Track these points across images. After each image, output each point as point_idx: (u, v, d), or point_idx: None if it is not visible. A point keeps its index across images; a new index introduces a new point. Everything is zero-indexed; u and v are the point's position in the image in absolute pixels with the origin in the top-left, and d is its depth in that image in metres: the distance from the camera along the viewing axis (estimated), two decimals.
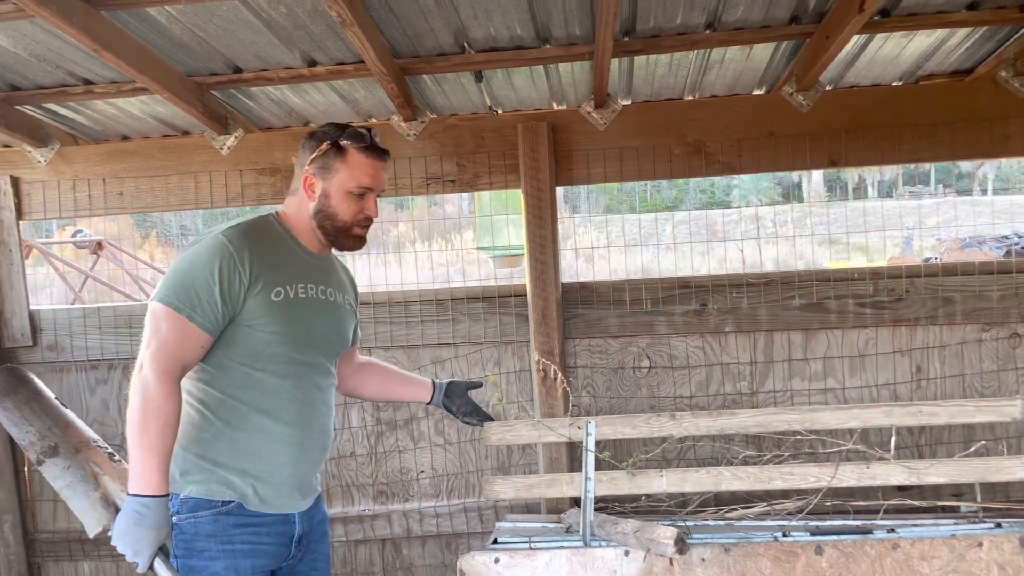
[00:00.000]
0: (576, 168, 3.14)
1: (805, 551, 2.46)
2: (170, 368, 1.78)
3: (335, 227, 2.00)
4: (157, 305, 1.82)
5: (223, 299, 1.83)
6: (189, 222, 18.56)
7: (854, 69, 3.02)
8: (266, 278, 1.89)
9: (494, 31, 2.62)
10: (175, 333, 1.80)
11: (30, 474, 3.35)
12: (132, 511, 1.73)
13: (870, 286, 3.11)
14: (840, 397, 3.15)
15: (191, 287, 1.82)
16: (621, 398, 3.21)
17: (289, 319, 1.93)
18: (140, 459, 1.74)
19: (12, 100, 2.92)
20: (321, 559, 2.15)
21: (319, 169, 1.98)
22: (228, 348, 1.89)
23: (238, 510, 1.91)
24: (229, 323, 1.87)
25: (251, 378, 1.91)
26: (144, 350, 1.79)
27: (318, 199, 1.98)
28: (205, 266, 1.83)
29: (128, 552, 1.75)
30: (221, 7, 2.34)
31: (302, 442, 2.00)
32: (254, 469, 1.92)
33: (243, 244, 1.87)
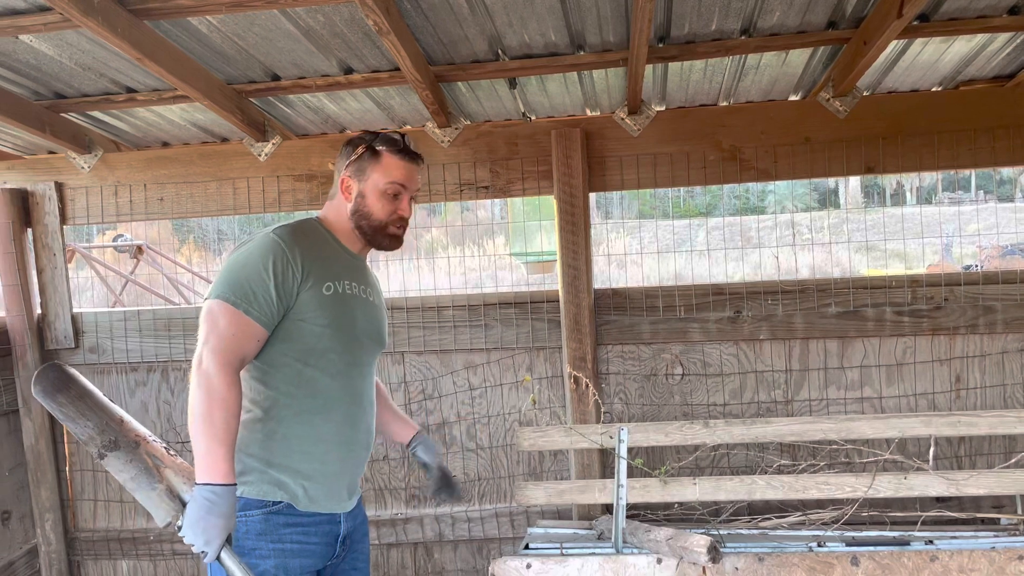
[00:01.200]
0: (609, 174, 3.14)
1: (841, 562, 2.43)
2: (230, 361, 1.82)
3: (371, 226, 2.04)
4: (214, 302, 1.86)
5: (278, 293, 1.88)
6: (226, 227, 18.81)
7: (892, 74, 2.98)
8: (316, 273, 1.95)
9: (528, 38, 2.63)
10: (233, 327, 1.84)
11: (71, 474, 3.42)
12: (203, 499, 1.74)
13: (908, 294, 3.06)
14: (877, 406, 3.10)
15: (246, 283, 1.86)
16: (653, 405, 3.20)
17: (338, 313, 1.98)
18: (207, 449, 1.76)
19: (57, 108, 3.00)
20: (362, 559, 2.19)
21: (355, 172, 2.04)
22: (282, 343, 1.93)
23: (288, 510, 1.94)
24: (283, 318, 1.92)
25: (303, 376, 1.95)
26: (202, 346, 1.82)
27: (354, 200, 2.04)
28: (259, 262, 1.88)
29: (199, 541, 1.74)
30: (260, 16, 2.37)
31: (350, 440, 2.04)
32: (306, 468, 1.96)
33: (294, 241, 1.92)
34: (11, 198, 3.26)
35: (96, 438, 1.82)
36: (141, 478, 1.81)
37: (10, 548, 3.30)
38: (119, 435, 1.83)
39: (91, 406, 1.84)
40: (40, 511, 3.37)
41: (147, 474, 1.81)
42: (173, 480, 1.81)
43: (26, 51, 2.55)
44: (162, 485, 1.80)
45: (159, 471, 1.81)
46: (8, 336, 3.30)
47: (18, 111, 2.84)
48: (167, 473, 1.81)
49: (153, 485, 1.80)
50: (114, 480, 3.40)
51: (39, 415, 3.32)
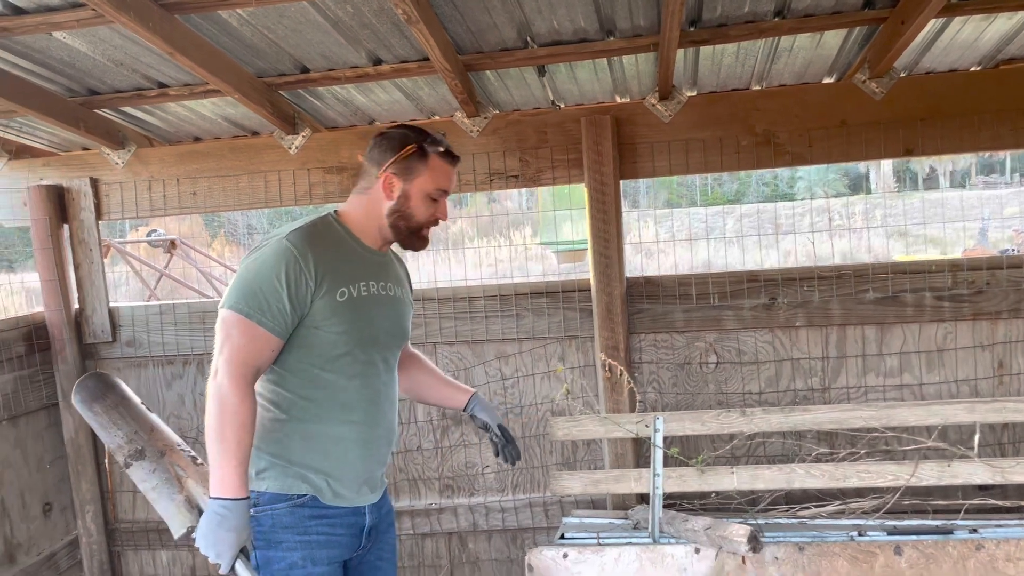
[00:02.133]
0: (640, 161, 3.10)
1: (883, 551, 2.39)
2: (243, 373, 1.81)
3: (408, 227, 2.01)
4: (227, 312, 1.84)
5: (291, 302, 1.85)
6: (255, 221, 19.01)
7: (930, 54, 2.91)
8: (330, 280, 1.91)
9: (557, 24, 2.61)
10: (246, 338, 1.83)
11: (110, 467, 3.47)
12: (214, 513, 1.77)
13: (948, 278, 3.00)
14: (917, 393, 3.05)
15: (259, 293, 1.84)
16: (688, 394, 3.17)
17: (354, 318, 1.94)
18: (219, 464, 1.78)
19: (91, 104, 3.03)
20: (388, 549, 2.19)
21: (401, 171, 1.98)
22: (297, 350, 1.91)
23: (313, 502, 1.95)
24: (298, 325, 1.89)
25: (320, 379, 1.94)
26: (217, 357, 1.82)
27: (397, 199, 1.98)
28: (271, 271, 1.84)
29: (211, 553, 1.77)
30: (290, 8, 2.37)
31: (370, 439, 2.04)
32: (326, 467, 1.96)
33: (307, 247, 1.88)
34: (47, 194, 3.30)
35: (124, 447, 1.87)
36: (162, 488, 1.85)
37: (52, 539, 3.36)
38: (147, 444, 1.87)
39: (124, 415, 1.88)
40: (81, 503, 3.42)
41: (169, 484, 1.85)
42: (194, 490, 1.85)
43: (60, 48, 2.57)
44: (182, 496, 1.84)
45: (181, 481, 1.85)
46: (47, 331, 3.35)
47: (53, 108, 2.88)
48: (188, 484, 1.85)
49: (173, 496, 1.84)
50: None
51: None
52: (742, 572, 2.42)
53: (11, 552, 3.14)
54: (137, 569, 3.51)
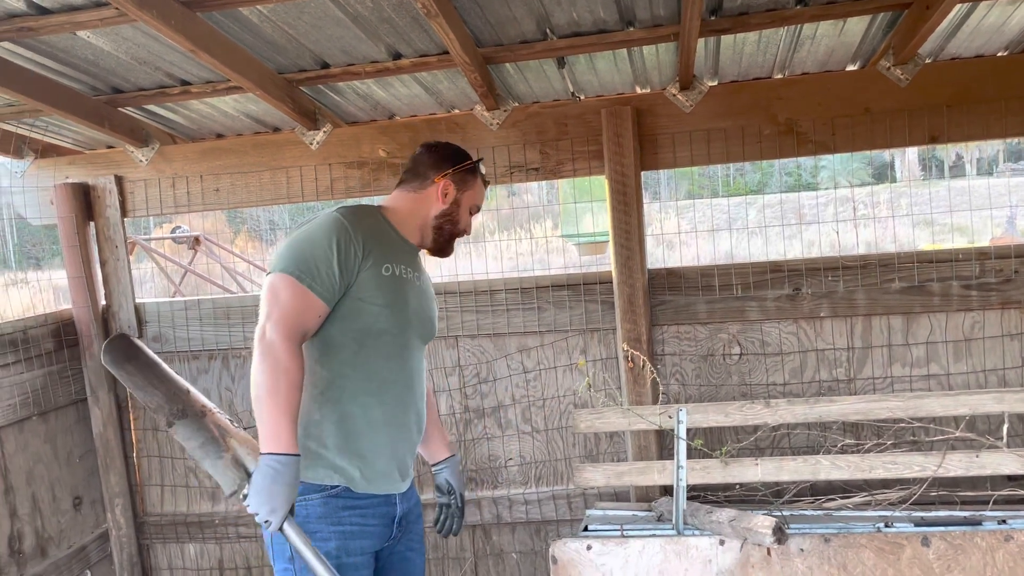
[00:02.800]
0: (661, 152, 3.09)
1: (911, 542, 2.37)
2: (292, 334, 1.85)
3: (450, 232, 2.15)
4: (277, 275, 1.89)
5: (340, 270, 1.91)
6: (277, 216, 19.15)
7: (956, 40, 2.87)
8: (376, 254, 1.98)
9: (577, 16, 2.60)
10: (296, 300, 1.87)
11: (138, 460, 3.52)
12: (268, 468, 1.77)
13: (976, 267, 2.96)
14: (944, 383, 3.01)
15: (310, 258, 1.89)
16: (711, 386, 3.15)
17: (395, 296, 2.01)
18: (273, 419, 1.79)
19: (115, 102, 3.06)
20: (417, 540, 2.23)
21: (458, 180, 2.14)
22: (340, 321, 1.96)
23: (345, 493, 1.97)
24: (343, 296, 1.95)
25: (359, 356, 1.98)
26: (265, 320, 1.85)
27: (449, 204, 2.13)
28: (323, 239, 1.91)
29: (264, 510, 1.77)
30: (310, 4, 2.38)
31: (402, 423, 2.07)
32: (360, 449, 1.99)
33: (356, 220, 1.97)
34: (73, 192, 3.34)
35: (165, 406, 1.86)
36: (208, 447, 1.84)
37: (82, 532, 3.41)
38: (186, 405, 1.86)
39: (159, 375, 1.88)
40: (110, 496, 3.47)
41: (214, 443, 1.83)
42: (238, 450, 1.84)
43: (84, 47, 2.60)
44: (228, 454, 1.83)
45: (225, 440, 1.84)
46: (75, 327, 3.39)
47: (79, 107, 2.91)
48: (232, 443, 1.84)
49: (220, 454, 1.83)
50: (179, 465, 3.50)
51: (107, 404, 3.42)
52: (767, 564, 2.41)
53: (42, 545, 3.19)
54: (166, 562, 3.56)
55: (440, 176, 2.11)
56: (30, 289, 4.96)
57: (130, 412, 3.50)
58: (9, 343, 3.07)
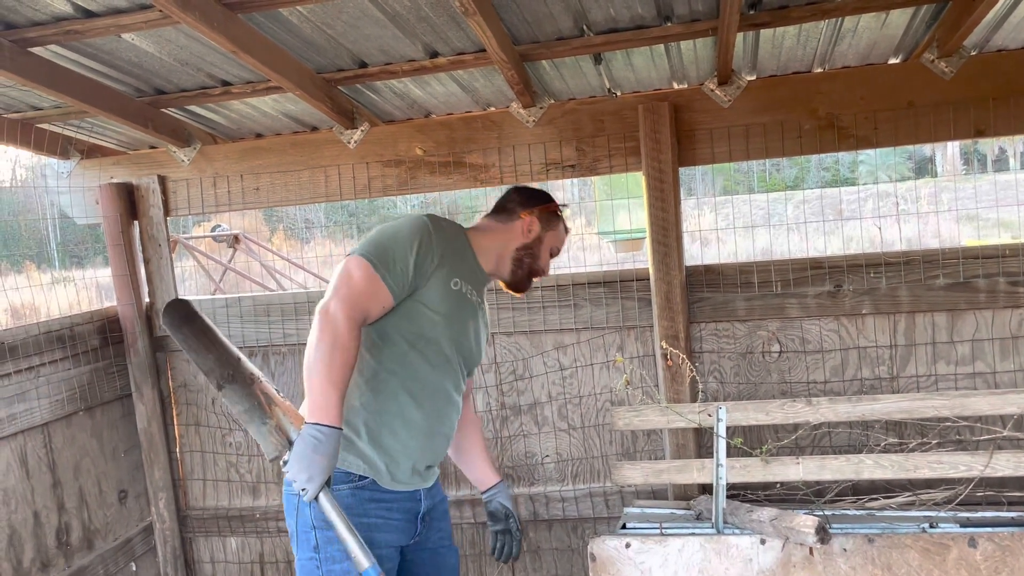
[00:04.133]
0: (699, 148, 3.06)
1: (957, 543, 2.33)
2: (356, 315, 1.89)
3: (530, 266, 2.23)
4: (354, 258, 1.95)
5: (414, 269, 1.98)
6: (313, 215, 19.36)
7: (1002, 32, 2.80)
8: (449, 266, 2.06)
9: (614, 12, 2.58)
10: (366, 285, 1.92)
11: (181, 455, 3.58)
12: (310, 437, 1.81)
13: (1023, 263, 2.89)
14: (990, 382, 2.95)
15: (390, 251, 1.96)
16: (750, 384, 3.12)
17: (454, 310, 2.08)
18: (323, 391, 1.83)
19: (158, 104, 3.11)
20: (446, 536, 2.27)
21: (543, 219, 2.24)
22: (399, 320, 2.01)
23: (372, 486, 2.02)
24: (408, 296, 2.00)
25: (408, 357, 2.03)
26: (332, 295, 1.89)
27: (532, 239, 2.22)
28: (407, 237, 1.99)
29: (302, 478, 1.80)
30: (348, 3, 2.40)
31: (434, 432, 2.11)
32: (389, 446, 2.03)
33: (440, 229, 2.06)
34: (118, 192, 3.41)
35: (216, 370, 1.90)
36: (254, 412, 1.88)
37: (127, 525, 3.48)
38: (236, 371, 1.90)
39: (213, 340, 1.93)
40: (154, 490, 3.54)
41: (259, 409, 1.88)
42: (282, 418, 1.88)
43: (128, 49, 2.65)
44: (272, 421, 1.87)
45: (270, 408, 1.88)
46: (120, 324, 3.46)
47: (123, 108, 2.97)
48: (276, 411, 1.88)
49: (264, 420, 1.87)
50: (221, 460, 3.55)
51: (151, 399, 3.48)
52: (810, 563, 2.38)
53: (89, 538, 3.26)
54: (208, 555, 3.61)
55: (527, 212, 2.22)
56: (74, 287, 5.07)
57: (173, 408, 3.56)
58: (56, 339, 3.14)
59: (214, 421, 3.54)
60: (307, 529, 1.99)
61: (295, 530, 2.02)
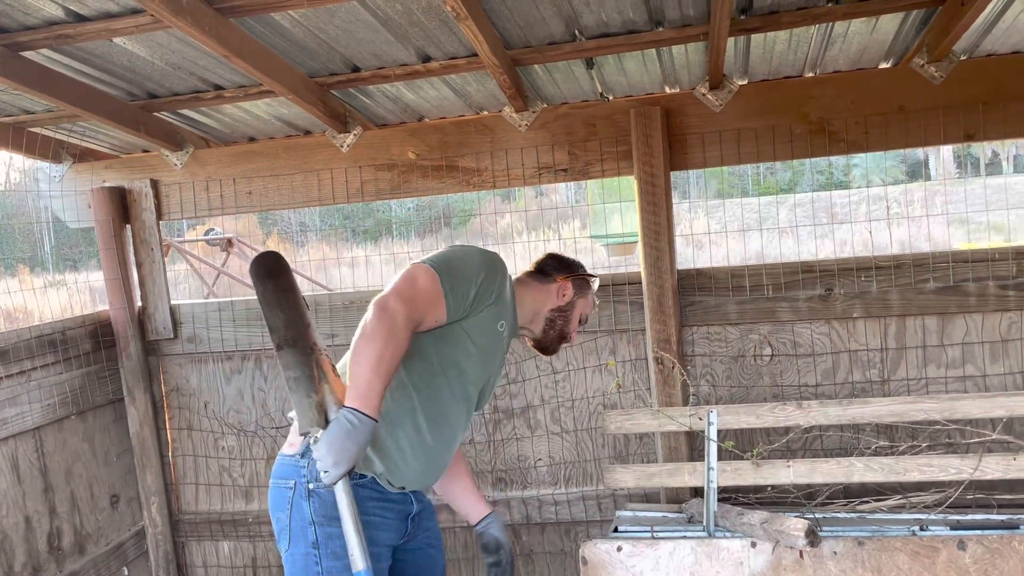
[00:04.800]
0: (691, 152, 3.07)
1: (947, 546, 2.34)
2: (414, 317, 1.91)
3: (561, 329, 2.29)
4: (424, 266, 1.97)
5: (474, 298, 2.02)
6: (307, 218, 19.34)
7: (991, 36, 2.82)
8: (499, 306, 2.11)
9: (606, 16, 2.59)
10: (429, 293, 1.94)
11: (173, 459, 3.57)
12: (346, 421, 1.81)
13: (1013, 267, 2.91)
14: (980, 385, 2.96)
15: (459, 272, 2.00)
16: (742, 387, 3.13)
17: (492, 348, 2.13)
18: (368, 380, 1.82)
19: (151, 107, 3.11)
20: (435, 536, 2.29)
21: (577, 286, 2.31)
22: (439, 341, 2.04)
23: (372, 484, 2.03)
24: (457, 321, 2.03)
25: (435, 381, 2.05)
26: (394, 293, 1.90)
27: (565, 303, 2.28)
28: (477, 265, 2.04)
29: (328, 460, 1.80)
30: (340, 8, 2.41)
31: (436, 460, 2.14)
32: (392, 458, 2.04)
33: (505, 273, 2.13)
34: (110, 196, 3.40)
35: (280, 330, 1.89)
36: (303, 381, 1.86)
37: (119, 530, 3.48)
38: (301, 336, 1.89)
39: (290, 302, 1.91)
40: (146, 495, 3.53)
41: (309, 380, 1.86)
42: (328, 397, 1.87)
43: (120, 53, 2.65)
44: (317, 397, 1.86)
45: (319, 383, 1.87)
46: (112, 328, 3.46)
47: (115, 112, 2.97)
48: (324, 388, 1.87)
49: (310, 393, 1.86)
50: (213, 464, 3.55)
51: (143, 404, 3.48)
52: (800, 566, 2.39)
53: (81, 542, 3.26)
54: (200, 559, 3.61)
55: (563, 277, 2.29)
56: (67, 291, 5.06)
57: (166, 412, 3.56)
58: (48, 343, 3.14)
59: (207, 425, 3.53)
60: (304, 524, 1.98)
61: (287, 524, 2.01)
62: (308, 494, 1.96)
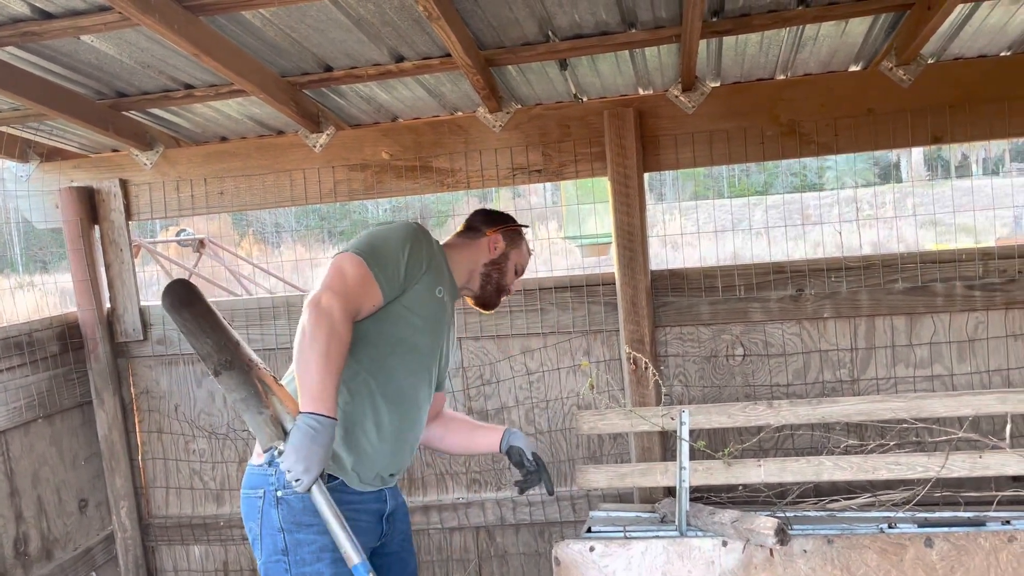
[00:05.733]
0: (664, 153, 3.09)
1: (914, 543, 2.36)
2: (350, 309, 1.90)
3: (497, 282, 2.30)
4: (347, 255, 1.95)
5: (405, 273, 2.01)
6: (283, 220, 19.20)
7: (958, 40, 2.87)
8: (434, 274, 2.10)
9: (579, 18, 2.60)
10: (360, 281, 1.93)
11: (143, 463, 3.53)
12: (307, 427, 1.79)
13: (979, 267, 2.96)
14: (948, 384, 3.01)
15: (382, 251, 1.99)
16: (714, 387, 3.15)
17: (434, 317, 2.13)
18: (319, 381, 1.81)
19: (120, 106, 3.07)
20: (408, 539, 2.29)
21: (507, 237, 2.31)
22: (382, 322, 2.03)
23: (342, 487, 2.01)
24: (394, 299, 2.02)
25: (387, 362, 2.05)
26: (324, 289, 1.88)
27: (498, 255, 2.30)
28: (400, 240, 2.03)
29: (299, 468, 1.78)
30: (312, 7, 2.39)
31: (403, 440, 2.13)
32: (361, 448, 2.03)
33: (428, 239, 2.12)
34: (78, 196, 3.35)
35: (213, 355, 1.86)
36: (251, 400, 1.84)
37: (88, 534, 3.43)
38: (234, 356, 1.87)
39: (213, 324, 1.88)
40: (115, 498, 3.48)
41: (256, 398, 1.84)
42: (278, 408, 1.85)
43: (88, 51, 2.62)
44: (269, 411, 1.84)
45: (266, 397, 1.85)
46: (80, 330, 3.41)
47: (83, 111, 2.92)
48: (273, 400, 1.85)
49: (260, 409, 1.84)
50: (184, 468, 3.51)
51: (111, 406, 3.43)
52: (770, 565, 2.41)
53: (48, 548, 3.20)
54: (171, 564, 3.57)
55: (492, 230, 2.30)
56: (37, 292, 4.99)
57: (135, 415, 3.51)
58: (15, 346, 3.09)
59: (177, 428, 3.49)
60: (274, 531, 1.97)
61: (259, 533, 2.00)
62: (276, 502, 1.95)
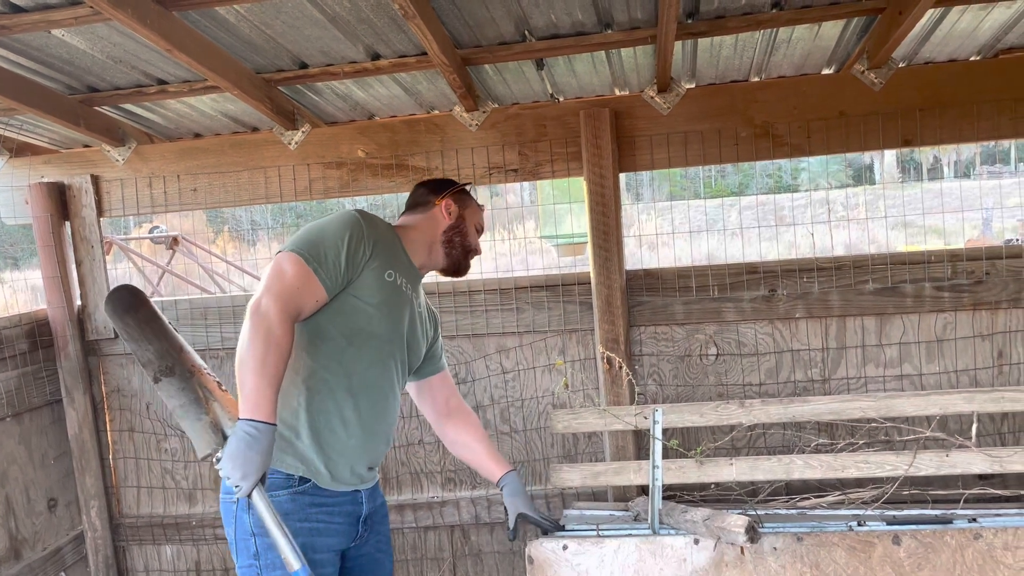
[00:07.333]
0: (639, 154, 3.11)
1: (882, 541, 2.40)
2: (290, 311, 1.88)
3: (462, 245, 2.26)
4: (285, 254, 1.93)
5: (347, 263, 1.97)
6: (260, 217, 19.04)
7: (929, 44, 2.91)
8: (382, 258, 2.06)
9: (555, 18, 2.61)
10: (299, 280, 1.91)
11: (114, 462, 3.49)
12: (244, 433, 1.78)
13: (948, 269, 3.00)
14: (917, 384, 3.05)
15: (321, 245, 1.95)
16: (688, 386, 3.17)
17: (391, 302, 2.08)
18: (256, 387, 1.80)
19: (91, 101, 3.04)
20: (384, 542, 2.27)
21: (457, 200, 2.28)
22: (334, 316, 2.00)
23: (313, 489, 2.00)
24: (341, 291, 2.00)
25: (345, 354, 2.02)
26: (264, 292, 1.87)
27: (455, 219, 2.26)
28: (337, 231, 1.98)
29: (236, 475, 1.78)
30: (287, 4, 2.38)
31: (373, 431, 2.09)
32: (329, 445, 2.02)
33: (371, 223, 2.06)
34: (48, 192, 3.31)
35: (154, 362, 1.85)
36: (190, 407, 1.84)
37: (57, 534, 3.38)
38: (176, 362, 1.86)
39: (156, 331, 1.88)
40: (85, 498, 3.44)
41: (196, 404, 1.84)
42: (219, 413, 1.84)
43: (59, 45, 2.58)
44: (208, 417, 1.83)
45: (207, 403, 1.84)
46: (50, 327, 3.36)
47: (53, 106, 2.88)
48: (214, 406, 1.84)
49: (200, 416, 1.83)
50: (156, 467, 3.48)
51: (82, 405, 3.39)
52: (741, 562, 2.43)
53: (16, 548, 3.16)
54: (142, 563, 3.53)
55: (440, 198, 2.26)
56: (7, 289, 4.92)
57: (106, 413, 3.47)
58: None
59: (149, 427, 3.46)
60: (246, 536, 1.96)
61: (234, 537, 1.99)
62: (248, 506, 1.93)
